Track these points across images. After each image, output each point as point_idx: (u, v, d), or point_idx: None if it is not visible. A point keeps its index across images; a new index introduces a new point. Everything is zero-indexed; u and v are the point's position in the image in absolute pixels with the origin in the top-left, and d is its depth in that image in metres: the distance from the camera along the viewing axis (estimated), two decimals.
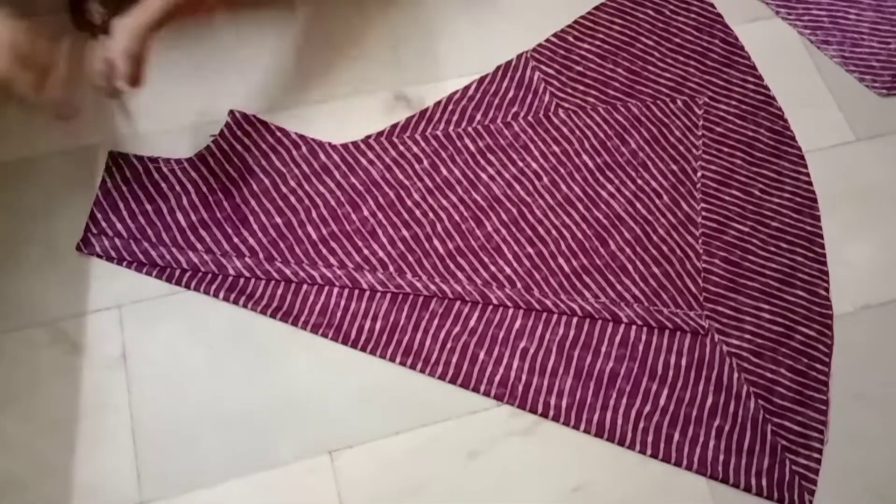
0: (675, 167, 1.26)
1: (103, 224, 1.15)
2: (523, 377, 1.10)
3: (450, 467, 1.05)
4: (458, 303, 1.13)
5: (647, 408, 1.09)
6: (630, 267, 1.18)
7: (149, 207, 1.17)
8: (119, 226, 1.15)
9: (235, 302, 1.10)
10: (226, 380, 1.07)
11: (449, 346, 1.11)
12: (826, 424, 1.10)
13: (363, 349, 1.09)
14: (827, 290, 1.19)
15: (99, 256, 1.12)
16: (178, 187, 1.18)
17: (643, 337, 1.14)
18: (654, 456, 1.07)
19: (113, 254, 1.12)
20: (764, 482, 1.06)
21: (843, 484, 1.07)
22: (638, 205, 1.22)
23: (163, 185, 1.19)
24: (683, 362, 1.13)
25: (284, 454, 1.04)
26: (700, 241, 1.21)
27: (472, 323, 1.13)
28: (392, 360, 1.09)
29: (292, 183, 1.20)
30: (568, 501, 1.04)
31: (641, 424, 1.08)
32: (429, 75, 1.32)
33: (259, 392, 1.07)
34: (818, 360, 1.14)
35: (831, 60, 1.39)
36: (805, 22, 1.42)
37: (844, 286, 1.20)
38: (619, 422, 1.08)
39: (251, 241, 1.15)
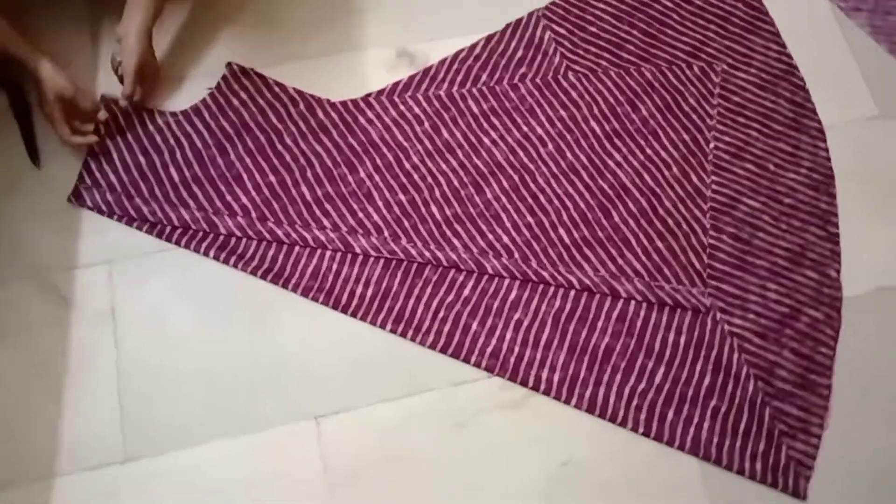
0: (686, 137, 1.21)
1: (97, 174, 1.13)
2: (515, 349, 1.07)
3: (436, 438, 1.03)
4: (452, 271, 1.11)
5: (642, 385, 1.07)
6: (633, 240, 1.14)
7: (142, 160, 1.14)
8: (112, 177, 1.13)
9: (226, 261, 1.08)
10: (214, 340, 1.06)
11: (441, 314, 1.08)
12: (828, 410, 1.07)
13: (354, 315, 1.07)
14: (838, 271, 1.15)
15: (90, 209, 1.11)
16: (172, 140, 1.16)
17: (642, 313, 1.10)
18: (647, 434, 1.04)
19: (104, 208, 1.10)
20: (758, 466, 1.03)
21: (838, 471, 1.04)
22: (645, 175, 1.18)
23: (157, 137, 1.16)
24: (682, 340, 1.09)
25: (270, 417, 1.03)
26: (708, 215, 1.17)
27: (466, 292, 1.10)
28: (382, 327, 1.07)
29: (288, 140, 1.17)
30: (556, 476, 1.02)
31: (635, 402, 1.06)
32: (436, 31, 1.27)
33: (247, 354, 1.06)
34: (824, 343, 1.10)
35: (861, 30, 1.31)
36: None
37: (859, 267, 1.16)
38: (612, 398, 1.06)
39: (244, 199, 1.13)
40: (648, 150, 1.19)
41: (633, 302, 1.11)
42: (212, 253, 1.09)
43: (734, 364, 1.08)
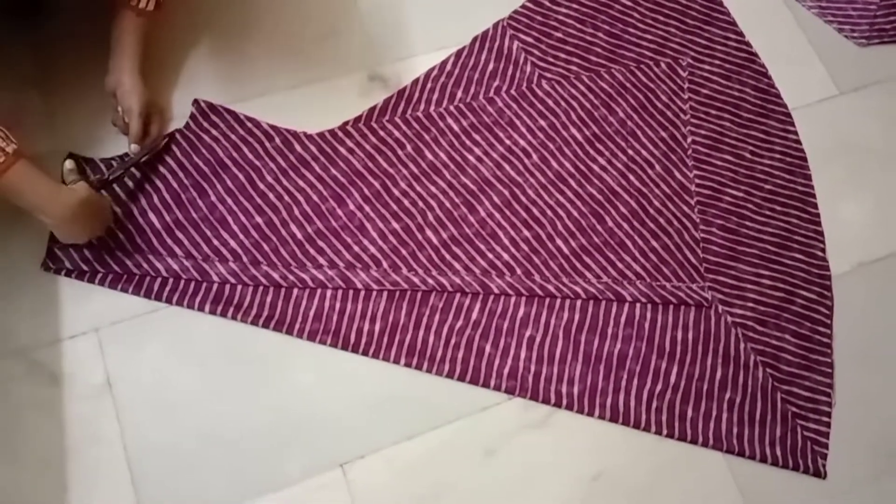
0: (664, 134, 1.22)
1: None
2: (532, 367, 1.06)
3: (467, 468, 1.01)
4: (458, 295, 1.08)
5: (659, 387, 1.07)
6: (629, 243, 1.15)
7: (118, 210, 1.07)
8: None
9: (223, 314, 1.03)
10: (222, 398, 1.01)
11: (453, 341, 1.06)
12: (832, 387, 1.10)
13: (364, 353, 1.04)
14: (823, 250, 1.18)
15: (69, 273, 1.03)
16: (146, 185, 1.09)
17: (648, 315, 1.11)
18: (670, 436, 1.05)
19: (84, 266, 1.03)
20: (778, 451, 1.06)
21: (852, 445, 1.08)
22: (631, 176, 1.18)
23: (130, 184, 1.09)
24: (690, 337, 1.10)
25: (293, 472, 0.98)
26: (696, 209, 1.18)
27: (474, 315, 1.08)
28: (396, 361, 1.04)
29: (269, 178, 1.12)
30: (589, 491, 1.02)
31: (655, 404, 1.06)
32: (405, 50, 1.24)
33: (258, 408, 1.01)
34: (820, 322, 1.14)
35: (809, 12, 1.35)
36: None
37: (841, 245, 1.20)
38: (633, 404, 1.06)
39: (232, 243, 1.07)
40: (630, 151, 1.20)
41: (638, 305, 1.11)
42: (207, 307, 1.03)
43: (742, 354, 1.10)
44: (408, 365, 1.04)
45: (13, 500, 0.93)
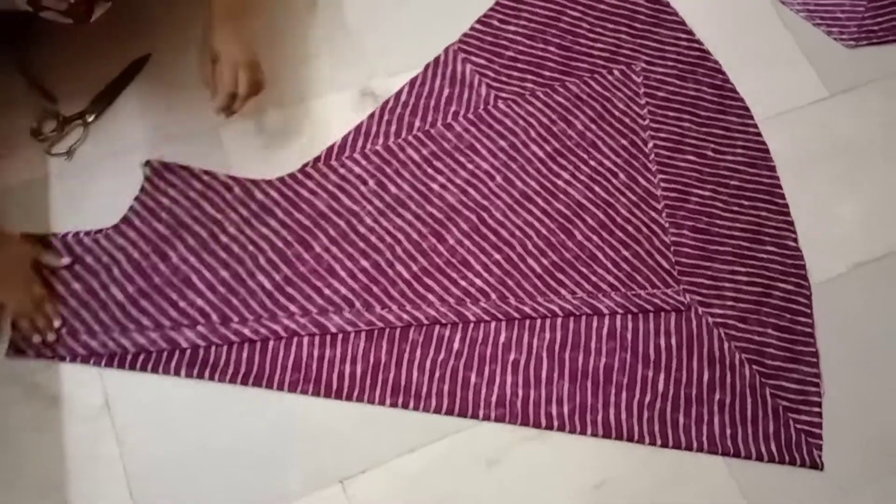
0: (625, 142, 1.22)
1: None
2: (520, 392, 1.05)
3: (470, 478, 1.01)
4: (437, 327, 1.07)
5: (648, 397, 1.06)
6: (600, 255, 1.14)
7: (77, 286, 1.05)
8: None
9: (199, 376, 1.01)
10: (220, 414, 1.01)
11: (437, 374, 1.04)
12: (820, 377, 1.10)
13: (348, 398, 1.02)
14: (795, 240, 1.18)
15: (33, 359, 1.01)
16: (105, 258, 1.07)
17: (629, 325, 1.10)
18: (664, 445, 1.04)
19: (49, 353, 1.00)
20: (773, 447, 1.05)
21: (852, 443, 1.07)
22: (596, 188, 1.18)
23: (87, 258, 1.07)
24: (673, 342, 1.10)
25: (293, 488, 0.98)
26: (664, 213, 1.18)
27: (455, 345, 1.06)
28: (381, 403, 1.02)
29: (232, 230, 1.10)
30: (593, 499, 1.02)
31: (646, 415, 1.05)
32: (395, 65, 1.24)
33: (257, 424, 1.01)
34: (800, 313, 1.14)
35: (797, 15, 1.36)
36: None
37: (836, 246, 1.19)
38: (624, 417, 1.05)
39: (200, 302, 1.05)
40: (592, 162, 1.19)
41: (618, 316, 1.10)
42: (182, 371, 1.01)
43: (726, 354, 1.10)
44: (393, 405, 1.03)
45: None
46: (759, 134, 1.25)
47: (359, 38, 1.26)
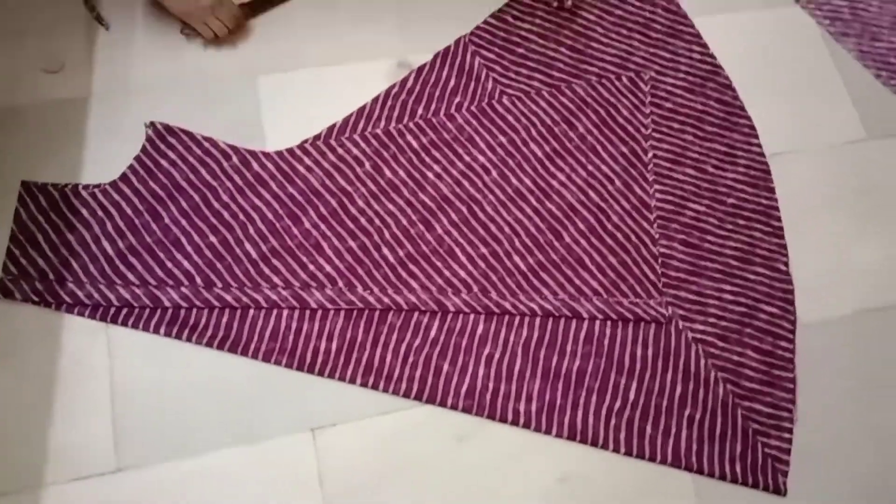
0: (625, 149, 1.21)
1: (23, 261, 1.05)
2: (490, 385, 1.06)
3: (437, 449, 1.03)
4: (416, 313, 1.08)
5: (618, 404, 1.06)
6: (587, 259, 1.14)
7: (70, 237, 1.07)
8: (41, 262, 1.05)
9: (178, 336, 1.03)
10: (209, 353, 1.04)
11: (411, 359, 1.06)
12: (794, 403, 1.10)
13: (320, 373, 1.04)
14: (786, 264, 1.17)
15: (21, 302, 1.03)
16: (100, 212, 1.09)
17: (607, 331, 1.10)
18: (629, 454, 1.04)
19: (35, 298, 1.03)
20: (738, 468, 1.05)
21: (815, 464, 1.07)
22: (591, 192, 1.18)
23: (83, 211, 1.09)
24: (650, 353, 1.10)
25: (265, 429, 1.02)
26: (655, 224, 1.17)
27: (433, 333, 1.07)
28: (352, 381, 1.04)
29: (224, 197, 1.12)
30: (555, 492, 1.02)
31: (613, 421, 1.06)
32: (437, 42, 1.27)
33: (241, 367, 1.04)
34: (783, 337, 1.13)
35: (849, 54, 1.35)
36: (825, 12, 1.37)
37: (845, 287, 1.18)
38: (591, 421, 1.05)
39: (186, 264, 1.07)
40: (590, 167, 1.20)
41: (597, 321, 1.10)
42: (162, 329, 1.03)
43: (702, 370, 1.10)
44: (364, 384, 1.04)
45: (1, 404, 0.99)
46: (762, 154, 1.24)
47: (407, 10, 1.29)
